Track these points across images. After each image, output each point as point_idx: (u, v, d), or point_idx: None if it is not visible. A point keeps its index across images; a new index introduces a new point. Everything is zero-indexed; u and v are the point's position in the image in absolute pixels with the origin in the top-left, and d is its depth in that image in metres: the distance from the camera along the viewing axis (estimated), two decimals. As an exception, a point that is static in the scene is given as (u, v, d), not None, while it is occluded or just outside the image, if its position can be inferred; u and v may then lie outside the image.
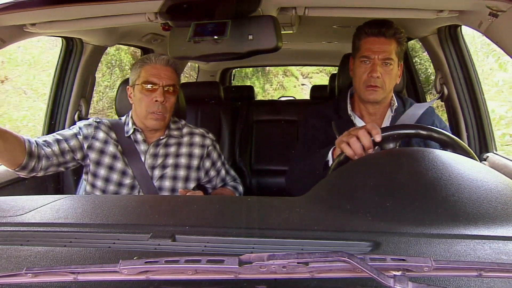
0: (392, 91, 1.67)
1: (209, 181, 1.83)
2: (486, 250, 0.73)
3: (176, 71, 1.71)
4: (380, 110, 1.67)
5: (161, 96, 1.63)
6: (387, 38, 1.56)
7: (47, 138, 1.64)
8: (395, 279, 0.57)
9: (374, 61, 1.56)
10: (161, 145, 1.74)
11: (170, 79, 1.67)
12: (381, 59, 1.56)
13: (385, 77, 1.57)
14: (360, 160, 1.20)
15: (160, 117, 1.66)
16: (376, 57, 1.56)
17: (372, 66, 1.56)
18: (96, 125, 1.73)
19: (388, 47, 1.56)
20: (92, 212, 0.99)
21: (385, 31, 1.55)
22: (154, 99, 1.64)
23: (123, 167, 1.69)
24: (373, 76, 1.56)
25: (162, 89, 1.65)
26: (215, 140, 1.85)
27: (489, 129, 2.03)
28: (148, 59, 1.70)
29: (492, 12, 1.26)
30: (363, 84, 1.59)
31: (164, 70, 1.67)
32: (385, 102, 1.67)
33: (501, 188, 0.90)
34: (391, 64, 1.57)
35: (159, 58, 1.68)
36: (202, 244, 0.78)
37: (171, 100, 1.68)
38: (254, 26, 1.38)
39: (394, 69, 1.59)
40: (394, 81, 1.62)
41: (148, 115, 1.67)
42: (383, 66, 1.57)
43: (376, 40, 1.57)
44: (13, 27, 1.53)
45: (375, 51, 1.56)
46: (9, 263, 0.72)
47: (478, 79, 2.04)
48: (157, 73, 1.66)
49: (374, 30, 1.57)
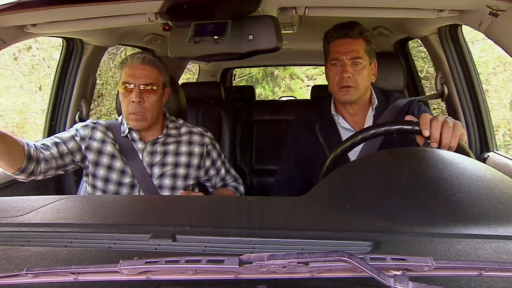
0: (368, 90, 1.68)
1: (209, 180, 1.83)
2: (487, 249, 0.73)
3: (156, 68, 1.67)
4: (360, 110, 1.69)
5: (137, 96, 1.62)
6: (354, 38, 1.60)
7: (45, 141, 1.64)
8: (395, 279, 0.57)
9: (343, 62, 1.60)
10: (159, 144, 1.74)
11: (147, 77, 1.64)
12: (350, 59, 1.59)
13: (356, 77, 1.60)
14: (360, 159, 1.20)
15: (140, 117, 1.64)
16: (345, 58, 1.59)
17: (342, 67, 1.60)
18: (93, 126, 1.73)
19: (355, 47, 1.60)
20: (93, 212, 1.00)
21: (350, 32, 1.60)
22: (131, 100, 1.62)
23: (122, 166, 1.69)
24: (344, 77, 1.59)
25: (138, 89, 1.63)
26: (213, 139, 1.84)
27: (489, 128, 2.02)
28: (125, 60, 1.69)
29: (492, 11, 1.25)
30: (336, 86, 1.62)
31: (140, 69, 1.64)
32: (363, 102, 1.68)
33: (502, 188, 0.90)
34: (360, 63, 1.60)
35: (135, 57, 1.66)
36: (203, 244, 0.78)
37: (151, 99, 1.65)
38: (254, 26, 1.38)
39: (365, 67, 1.61)
40: (367, 79, 1.64)
41: (128, 116, 1.66)
42: (353, 66, 1.60)
43: (343, 41, 1.61)
44: (13, 28, 1.53)
45: (343, 52, 1.60)
46: (9, 263, 0.72)
47: (479, 79, 2.04)
48: (133, 73, 1.64)
49: (340, 33, 1.61)
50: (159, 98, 1.69)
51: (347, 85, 1.60)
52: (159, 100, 1.70)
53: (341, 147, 1.26)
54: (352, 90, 1.60)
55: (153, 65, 1.67)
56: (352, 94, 1.61)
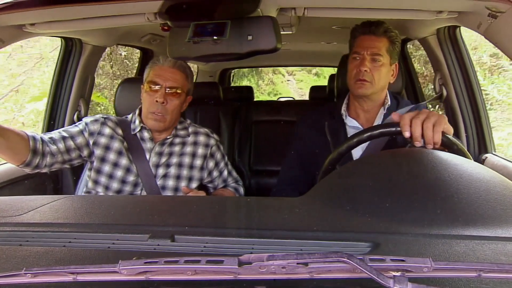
0: (384, 89, 1.71)
1: (211, 181, 1.83)
2: (485, 251, 0.73)
3: (185, 74, 1.71)
4: (374, 108, 1.71)
5: (162, 97, 1.64)
6: (377, 36, 1.64)
7: (53, 134, 1.64)
8: (394, 280, 0.57)
9: (363, 56, 1.63)
10: (166, 144, 1.74)
11: (174, 81, 1.67)
12: (369, 55, 1.63)
13: (374, 72, 1.63)
14: (360, 160, 1.20)
15: (160, 118, 1.66)
16: (365, 52, 1.63)
17: (361, 61, 1.63)
18: (103, 121, 1.73)
19: (377, 44, 1.63)
20: (91, 212, 0.99)
21: (374, 29, 1.64)
22: (155, 100, 1.64)
23: (127, 163, 1.69)
24: (361, 70, 1.62)
25: (164, 90, 1.65)
26: (219, 141, 1.85)
27: (488, 130, 2.03)
28: (157, 60, 1.72)
29: (491, 13, 1.26)
30: (353, 78, 1.66)
31: (169, 72, 1.67)
32: (378, 100, 1.71)
33: (500, 189, 0.90)
34: (379, 60, 1.63)
35: (167, 60, 1.69)
36: (202, 245, 0.78)
37: (174, 103, 1.68)
38: (254, 26, 1.38)
39: (384, 65, 1.64)
40: (385, 78, 1.66)
41: (148, 115, 1.68)
42: (372, 62, 1.63)
43: (367, 37, 1.65)
44: (12, 27, 1.52)
45: (364, 47, 1.64)
46: (8, 263, 0.72)
47: (477, 80, 2.05)
48: (162, 74, 1.67)
49: (365, 29, 1.65)
50: (181, 103, 1.72)
51: (363, 79, 1.62)
52: (180, 105, 1.72)
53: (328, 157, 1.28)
54: (367, 85, 1.63)
55: (183, 71, 1.71)
56: (367, 88, 1.63)
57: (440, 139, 1.15)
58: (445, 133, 1.17)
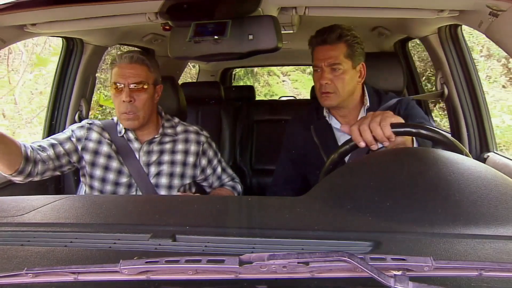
0: (354, 92, 1.67)
1: (205, 179, 1.82)
2: (487, 249, 0.73)
3: (145, 66, 1.66)
4: (350, 112, 1.69)
5: (127, 96, 1.61)
6: (332, 44, 1.60)
7: (42, 143, 1.64)
8: (395, 279, 0.57)
9: (322, 68, 1.61)
10: (155, 143, 1.74)
11: (136, 76, 1.63)
12: (327, 66, 1.60)
13: (336, 82, 1.60)
14: (360, 159, 1.20)
15: (132, 116, 1.64)
16: (323, 64, 1.60)
17: (321, 74, 1.61)
18: (88, 127, 1.73)
19: (332, 53, 1.60)
20: (93, 212, 0.99)
21: (327, 37, 1.60)
22: (122, 100, 1.62)
23: (118, 166, 1.69)
24: (322, 83, 1.60)
25: (128, 88, 1.62)
26: (209, 137, 1.84)
27: (489, 128, 2.02)
28: (115, 60, 1.68)
29: (492, 11, 1.25)
30: (318, 91, 1.64)
31: (128, 68, 1.64)
32: (351, 104, 1.68)
33: (502, 188, 0.90)
34: (339, 69, 1.60)
35: (123, 57, 1.66)
36: (203, 244, 0.78)
37: (141, 98, 1.64)
38: (254, 26, 1.38)
39: (345, 72, 1.61)
40: (350, 84, 1.63)
41: (120, 116, 1.66)
42: (332, 72, 1.60)
43: (322, 48, 1.62)
44: (13, 27, 1.53)
45: (321, 58, 1.61)
46: (9, 263, 0.72)
47: (479, 79, 2.04)
48: (122, 72, 1.64)
49: (319, 39, 1.62)
50: (150, 96, 1.68)
51: (325, 91, 1.61)
52: (151, 99, 1.69)
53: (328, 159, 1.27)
54: (332, 96, 1.61)
55: (141, 64, 1.66)
56: (332, 99, 1.62)
57: (391, 132, 1.14)
58: (394, 124, 1.15)
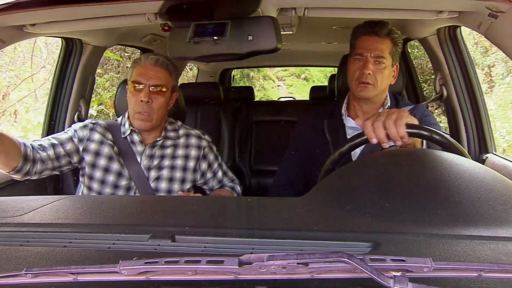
0: (385, 90, 1.69)
1: (206, 183, 1.82)
2: (486, 250, 0.73)
3: (168, 71, 1.68)
4: (374, 109, 1.69)
5: (146, 96, 1.62)
6: (381, 37, 1.60)
7: (42, 142, 1.64)
8: (395, 280, 0.57)
9: (366, 58, 1.60)
10: (157, 147, 1.73)
11: (158, 79, 1.64)
12: (373, 57, 1.60)
13: (377, 75, 1.60)
14: (360, 160, 1.20)
15: (146, 117, 1.65)
16: (369, 54, 1.60)
17: (364, 63, 1.60)
18: (91, 127, 1.72)
19: (381, 46, 1.60)
20: (92, 212, 0.99)
21: (378, 30, 1.60)
22: (140, 99, 1.63)
23: (119, 168, 1.68)
24: (364, 73, 1.59)
25: (148, 89, 1.63)
26: (211, 142, 1.84)
27: (488, 129, 2.03)
28: (139, 59, 1.70)
29: (491, 13, 1.26)
30: (355, 80, 1.63)
31: (152, 70, 1.65)
32: (379, 101, 1.69)
33: (501, 189, 0.90)
34: (383, 63, 1.60)
35: (148, 58, 1.67)
36: (202, 245, 0.78)
37: (159, 101, 1.65)
38: (254, 26, 1.38)
39: (387, 68, 1.61)
40: (387, 80, 1.64)
41: (135, 115, 1.66)
42: (375, 64, 1.60)
43: (370, 38, 1.61)
44: (12, 28, 1.52)
45: (367, 48, 1.60)
46: (8, 263, 0.72)
47: (478, 80, 2.04)
48: (145, 72, 1.64)
49: (368, 30, 1.61)
50: (166, 100, 1.69)
51: (366, 81, 1.60)
52: (166, 103, 1.70)
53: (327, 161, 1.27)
54: (370, 87, 1.61)
55: (165, 68, 1.68)
56: (370, 90, 1.61)
57: (405, 132, 1.13)
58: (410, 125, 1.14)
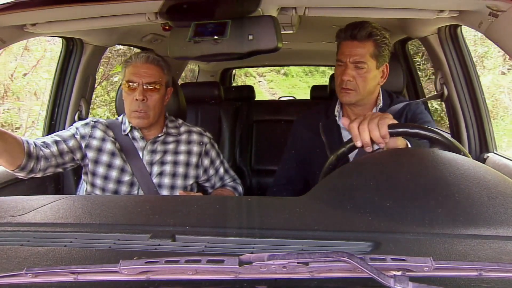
0: (374, 92, 1.67)
1: (208, 180, 1.83)
2: (486, 250, 0.73)
3: (159, 67, 1.70)
4: (365, 111, 1.68)
5: (140, 94, 1.64)
6: (360, 41, 1.57)
7: (45, 139, 1.65)
8: (395, 279, 0.57)
9: (346, 64, 1.59)
10: (159, 142, 1.76)
11: (150, 76, 1.66)
12: (352, 62, 1.58)
13: (358, 80, 1.59)
14: (360, 160, 1.20)
15: (143, 115, 1.67)
16: (347, 60, 1.58)
17: (344, 69, 1.59)
18: (93, 125, 1.75)
19: (360, 50, 1.57)
20: (92, 212, 0.99)
21: (356, 33, 1.57)
22: (135, 98, 1.65)
23: (121, 164, 1.70)
24: (344, 80, 1.58)
25: (142, 87, 1.65)
26: (212, 139, 1.86)
27: (489, 129, 2.02)
28: (130, 59, 1.71)
29: (492, 12, 1.25)
30: (338, 86, 1.63)
31: (143, 68, 1.67)
32: (367, 103, 1.68)
33: (502, 188, 0.90)
34: (363, 68, 1.58)
35: (139, 56, 1.69)
36: (202, 244, 0.78)
37: (153, 98, 1.67)
38: (254, 26, 1.38)
39: (369, 71, 1.59)
40: (372, 82, 1.62)
41: (131, 114, 1.69)
42: (356, 69, 1.58)
43: (349, 43, 1.59)
44: (13, 27, 1.53)
45: (347, 54, 1.58)
46: (9, 263, 0.72)
47: (478, 79, 2.04)
48: (137, 71, 1.66)
49: (347, 34, 1.59)
50: (161, 97, 1.71)
51: (346, 87, 1.59)
52: (162, 99, 1.72)
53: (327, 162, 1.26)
54: (352, 93, 1.60)
55: (156, 64, 1.69)
56: (351, 96, 1.61)
57: (387, 132, 1.13)
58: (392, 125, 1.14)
